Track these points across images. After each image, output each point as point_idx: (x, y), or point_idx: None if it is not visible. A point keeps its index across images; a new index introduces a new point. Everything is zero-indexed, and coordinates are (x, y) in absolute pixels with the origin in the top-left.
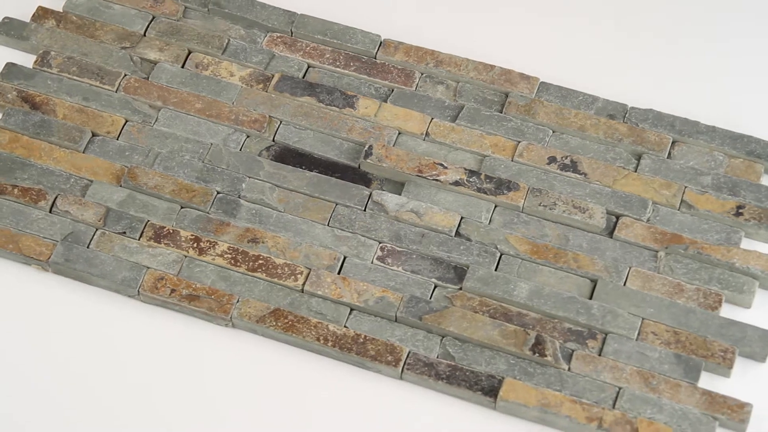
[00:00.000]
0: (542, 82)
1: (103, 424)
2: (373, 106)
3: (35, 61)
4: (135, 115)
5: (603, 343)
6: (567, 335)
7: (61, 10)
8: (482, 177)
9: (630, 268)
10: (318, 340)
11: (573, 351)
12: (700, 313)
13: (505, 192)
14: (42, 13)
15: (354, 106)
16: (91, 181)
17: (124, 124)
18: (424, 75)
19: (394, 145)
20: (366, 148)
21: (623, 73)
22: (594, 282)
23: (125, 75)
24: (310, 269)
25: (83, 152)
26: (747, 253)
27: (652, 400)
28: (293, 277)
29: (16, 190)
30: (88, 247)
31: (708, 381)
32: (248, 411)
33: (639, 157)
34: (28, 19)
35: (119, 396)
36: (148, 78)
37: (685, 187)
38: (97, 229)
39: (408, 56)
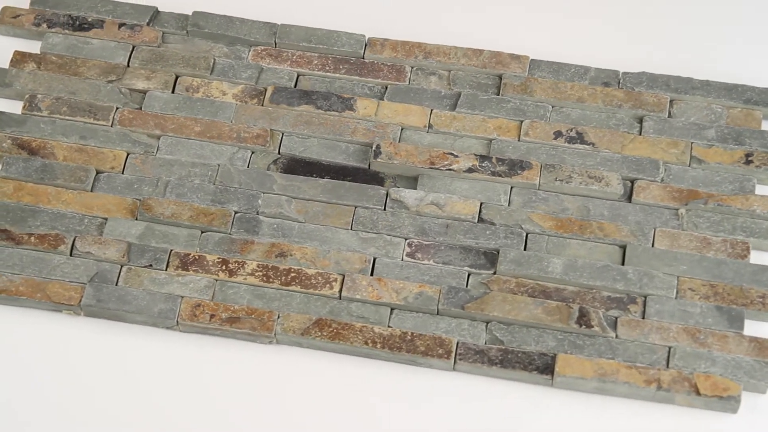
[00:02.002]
0: (532, 60)
1: None
2: (371, 105)
3: (23, 107)
4: (135, 146)
5: (644, 306)
6: (608, 303)
7: (39, 52)
8: (494, 160)
9: (655, 229)
10: (366, 343)
11: (617, 318)
12: (731, 263)
13: (519, 172)
14: (20, 58)
15: (353, 108)
16: (106, 219)
17: (127, 157)
18: (414, 68)
19: (399, 141)
20: (374, 148)
21: (608, 41)
22: (623, 248)
23: (117, 108)
24: (344, 275)
25: (91, 191)
26: (765, 198)
27: (704, 355)
28: (328, 285)
29: (32, 239)
30: (116, 285)
31: (752, 328)
32: (312, 423)
33: (641, 120)
34: (6, 65)
35: (181, 428)
36: (141, 108)
37: (692, 143)
38: (122, 266)
39: (396, 52)
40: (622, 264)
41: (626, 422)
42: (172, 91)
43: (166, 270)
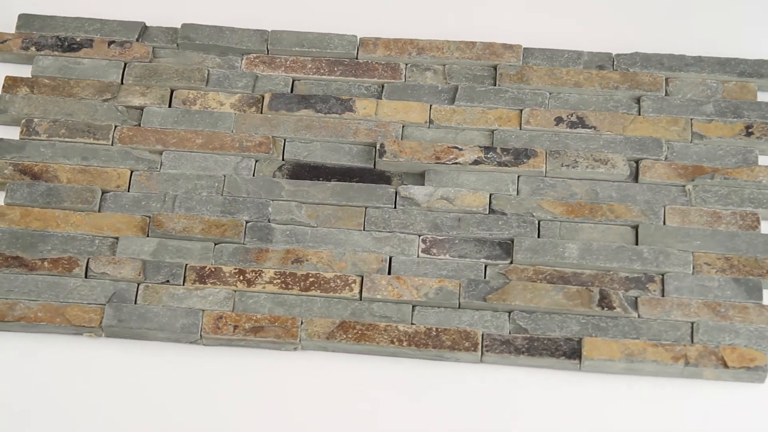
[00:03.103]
0: (525, 48)
1: None
2: (370, 105)
3: (21, 132)
4: (138, 163)
5: (663, 283)
6: (627, 284)
7: (31, 76)
8: (498, 151)
9: (664, 207)
10: (392, 342)
11: (637, 298)
12: (743, 235)
13: (524, 161)
14: (12, 83)
15: (353, 109)
16: (117, 238)
17: (131, 174)
18: (409, 65)
19: (402, 139)
20: (378, 147)
21: (598, 23)
22: (635, 228)
23: (116, 126)
24: (362, 276)
25: (99, 211)
26: None
27: (727, 327)
28: (348, 287)
29: (45, 263)
30: (135, 303)
31: None
32: (347, 424)
33: (638, 100)
34: None
35: None
36: (139, 124)
37: (691, 119)
38: (139, 284)
39: (389, 50)
40: (636, 244)
41: (656, 400)
42: (169, 105)
43: (183, 285)
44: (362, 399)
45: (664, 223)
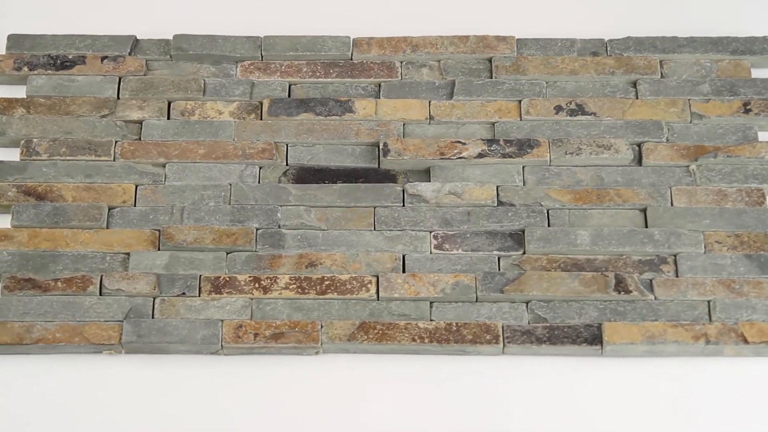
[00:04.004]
0: (518, 39)
1: None
2: (370, 105)
3: (21, 153)
4: (143, 177)
5: (676, 264)
6: (640, 267)
7: (26, 96)
8: (501, 143)
9: (670, 188)
10: (413, 340)
11: (652, 280)
12: (751, 211)
13: (528, 151)
14: (7, 104)
15: (352, 110)
16: (128, 254)
17: (136, 189)
18: (404, 63)
19: (404, 137)
20: (381, 147)
21: (587, 10)
22: (643, 211)
23: (116, 142)
24: (377, 276)
25: (107, 228)
26: None
27: (743, 304)
28: (364, 288)
29: (59, 283)
30: (153, 318)
31: None
32: (375, 423)
33: (635, 84)
34: None
35: None
36: (140, 138)
37: (689, 99)
38: (155, 298)
39: (383, 49)
40: (646, 226)
41: (679, 380)
42: (168, 117)
43: (199, 296)
44: (387, 397)
45: (672, 205)
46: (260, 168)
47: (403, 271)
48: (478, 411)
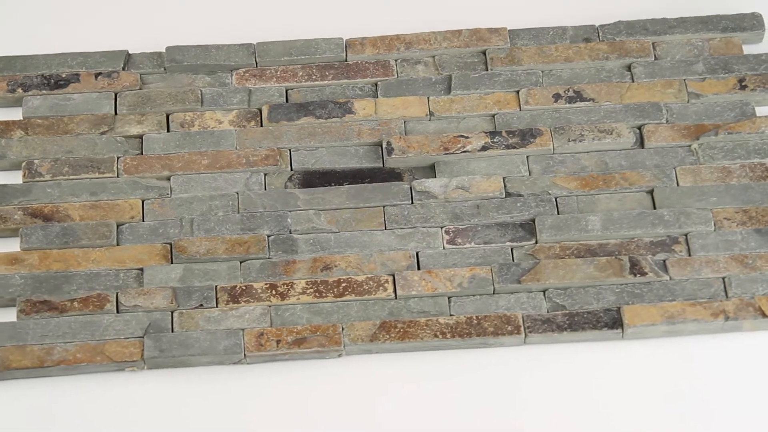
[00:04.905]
0: (510, 30)
1: None
2: (369, 105)
3: (24, 175)
4: (148, 192)
5: (688, 243)
6: (653, 248)
7: (22, 118)
8: (504, 134)
9: (675, 168)
10: (436, 336)
11: (665, 260)
12: (757, 186)
13: (531, 140)
14: (4, 127)
15: (352, 111)
16: (141, 269)
17: (143, 204)
18: (399, 60)
19: (405, 134)
20: (385, 146)
21: None
22: (650, 192)
23: (118, 157)
24: (393, 275)
25: (118, 245)
26: None
27: (758, 278)
28: (381, 287)
29: (75, 304)
30: (173, 332)
31: None
32: (404, 419)
33: (629, 68)
34: None
35: None
36: (141, 153)
37: (684, 79)
38: (173, 312)
39: (376, 48)
40: (654, 208)
41: (700, 358)
42: (168, 130)
43: (217, 306)
44: (413, 394)
45: (678, 185)
46: (265, 174)
47: (418, 268)
48: (505, 401)
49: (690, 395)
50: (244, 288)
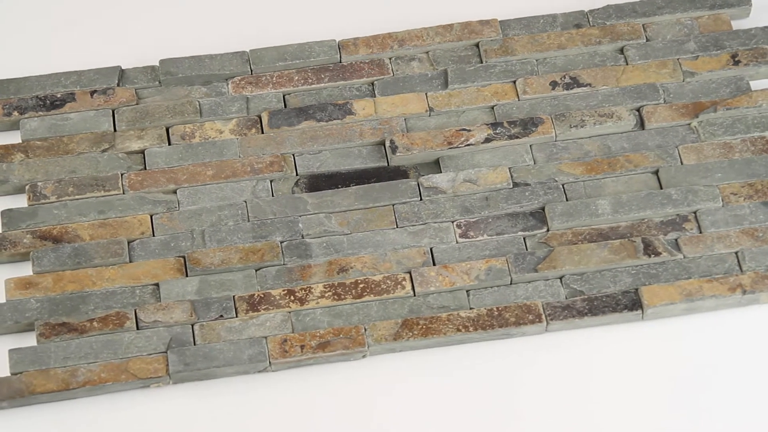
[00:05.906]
0: (501, 21)
1: None
2: (368, 105)
3: (28, 198)
4: (156, 207)
5: (697, 221)
6: (664, 228)
7: (21, 141)
8: (506, 125)
9: (677, 147)
10: (458, 330)
11: (677, 239)
12: (759, 159)
13: (533, 129)
14: (4, 152)
15: (352, 112)
16: (157, 285)
17: (152, 219)
18: (393, 58)
19: (407, 132)
20: (389, 145)
21: None
22: (656, 173)
23: (122, 174)
24: (410, 272)
25: (131, 261)
26: (766, 91)
27: None
28: (399, 285)
29: (95, 323)
30: (195, 345)
31: None
32: (434, 414)
33: (622, 51)
34: None
35: None
36: (145, 168)
37: (678, 59)
38: (193, 325)
39: (370, 48)
40: (661, 188)
41: (721, 332)
42: (169, 143)
43: (237, 316)
44: (440, 388)
45: (682, 163)
46: (271, 181)
47: (434, 264)
48: (532, 389)
49: (716, 370)
50: (262, 296)
